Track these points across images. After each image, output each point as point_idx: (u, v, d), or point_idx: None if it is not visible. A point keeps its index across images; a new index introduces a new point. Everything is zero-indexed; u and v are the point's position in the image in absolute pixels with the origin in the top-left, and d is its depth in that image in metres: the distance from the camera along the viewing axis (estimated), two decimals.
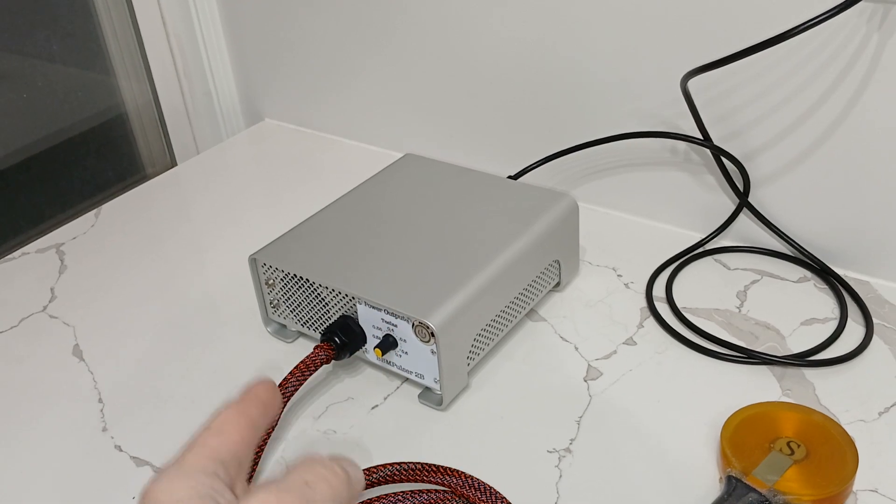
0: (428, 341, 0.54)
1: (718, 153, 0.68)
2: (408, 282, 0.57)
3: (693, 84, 0.65)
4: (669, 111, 0.69)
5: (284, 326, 0.64)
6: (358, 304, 0.56)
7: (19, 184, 0.92)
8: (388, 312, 0.55)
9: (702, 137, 0.67)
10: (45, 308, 0.69)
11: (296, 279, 0.59)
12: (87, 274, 0.73)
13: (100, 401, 0.59)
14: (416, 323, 0.54)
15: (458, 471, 0.49)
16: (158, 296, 0.70)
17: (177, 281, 0.72)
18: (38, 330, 0.67)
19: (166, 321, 0.67)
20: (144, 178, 0.93)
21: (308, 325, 0.61)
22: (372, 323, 0.56)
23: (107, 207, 0.83)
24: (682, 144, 0.70)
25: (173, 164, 1.04)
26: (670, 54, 0.67)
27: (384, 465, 0.50)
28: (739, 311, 0.64)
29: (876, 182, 0.63)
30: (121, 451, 0.55)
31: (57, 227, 0.80)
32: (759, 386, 0.57)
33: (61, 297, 0.70)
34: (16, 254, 0.77)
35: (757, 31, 0.61)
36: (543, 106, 0.76)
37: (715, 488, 0.50)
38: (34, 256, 0.76)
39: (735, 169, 0.68)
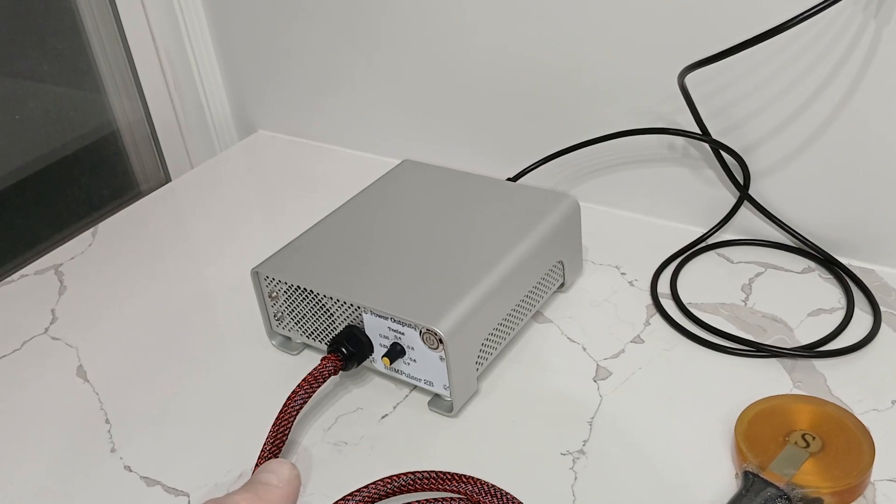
0: (436, 348, 0.53)
1: (717, 147, 0.67)
2: (413, 289, 0.56)
3: (689, 79, 0.65)
4: (666, 107, 0.69)
5: (289, 339, 0.63)
6: (363, 314, 0.56)
7: (15, 206, 0.91)
8: (394, 321, 0.55)
9: (700, 132, 0.67)
10: (46, 330, 0.69)
11: (299, 291, 0.59)
12: (87, 294, 0.73)
13: (107, 421, 0.59)
14: (423, 330, 0.53)
15: (472, 477, 0.49)
16: (160, 313, 0.69)
17: (178, 297, 0.71)
18: (41, 352, 0.66)
19: (169, 338, 0.66)
20: (139, 195, 0.92)
21: (313, 336, 0.60)
22: (378, 332, 0.56)
23: (103, 226, 0.83)
24: (680, 140, 0.70)
25: (167, 179, 1.03)
26: (666, 51, 0.67)
27: (397, 476, 0.49)
28: (745, 304, 0.63)
29: (877, 169, 0.63)
30: (131, 471, 0.55)
31: (54, 248, 0.80)
32: (770, 379, 0.57)
33: (62, 318, 0.70)
34: (14, 276, 0.76)
35: (753, 24, 0.60)
36: (540, 106, 0.75)
37: (731, 484, 0.49)
38: (33, 278, 0.75)
39: (734, 162, 0.68)
